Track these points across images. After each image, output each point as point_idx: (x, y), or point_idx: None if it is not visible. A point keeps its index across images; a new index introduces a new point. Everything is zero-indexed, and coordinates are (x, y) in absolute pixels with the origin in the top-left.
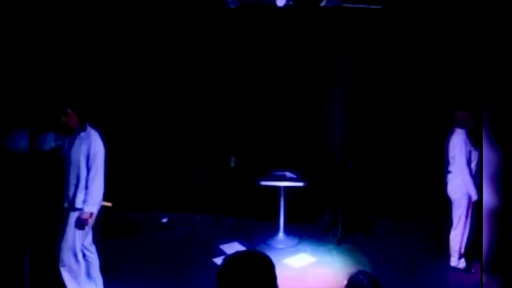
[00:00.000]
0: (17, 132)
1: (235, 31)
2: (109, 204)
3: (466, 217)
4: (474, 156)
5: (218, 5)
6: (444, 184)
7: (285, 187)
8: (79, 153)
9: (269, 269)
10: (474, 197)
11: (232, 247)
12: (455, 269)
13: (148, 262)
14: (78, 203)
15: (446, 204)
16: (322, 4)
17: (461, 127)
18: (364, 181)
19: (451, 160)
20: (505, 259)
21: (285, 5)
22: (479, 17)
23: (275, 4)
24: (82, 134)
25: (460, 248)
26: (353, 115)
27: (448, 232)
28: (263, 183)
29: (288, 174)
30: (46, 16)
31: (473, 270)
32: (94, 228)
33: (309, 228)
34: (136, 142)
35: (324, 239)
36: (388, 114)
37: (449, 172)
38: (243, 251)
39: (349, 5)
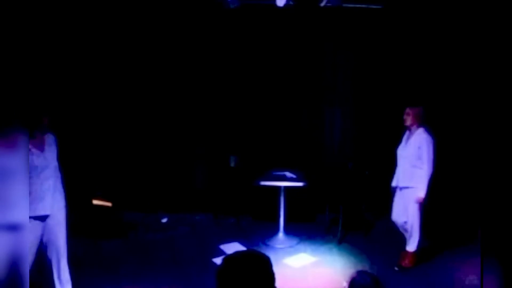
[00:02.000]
0: None
1: (235, 31)
2: (109, 204)
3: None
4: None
5: (218, 5)
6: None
7: (285, 187)
8: (54, 156)
9: (267, 269)
10: None
11: (232, 247)
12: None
13: (148, 262)
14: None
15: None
16: (322, 4)
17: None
18: (364, 181)
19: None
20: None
21: (285, 5)
22: (479, 15)
23: (275, 4)
24: (51, 136)
25: None
26: (353, 115)
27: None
28: (263, 183)
29: (288, 174)
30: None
31: None
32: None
33: (309, 228)
34: (136, 142)
35: (324, 239)
36: (388, 114)
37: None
38: (242, 251)
39: (349, 5)
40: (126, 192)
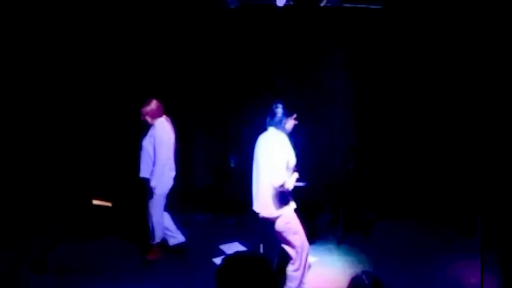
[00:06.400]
0: None
1: (235, 31)
2: (109, 204)
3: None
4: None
5: (218, 5)
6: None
7: None
8: None
9: (268, 269)
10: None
11: (232, 247)
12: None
13: (148, 262)
14: None
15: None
16: (322, 4)
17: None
18: (364, 181)
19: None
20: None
21: (285, 5)
22: (479, 15)
23: (275, 4)
24: None
25: None
26: (353, 115)
27: None
28: None
29: None
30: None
31: None
32: None
33: (309, 228)
34: (135, 142)
35: (324, 239)
36: (388, 114)
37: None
38: (242, 251)
39: (349, 5)
40: (125, 192)
